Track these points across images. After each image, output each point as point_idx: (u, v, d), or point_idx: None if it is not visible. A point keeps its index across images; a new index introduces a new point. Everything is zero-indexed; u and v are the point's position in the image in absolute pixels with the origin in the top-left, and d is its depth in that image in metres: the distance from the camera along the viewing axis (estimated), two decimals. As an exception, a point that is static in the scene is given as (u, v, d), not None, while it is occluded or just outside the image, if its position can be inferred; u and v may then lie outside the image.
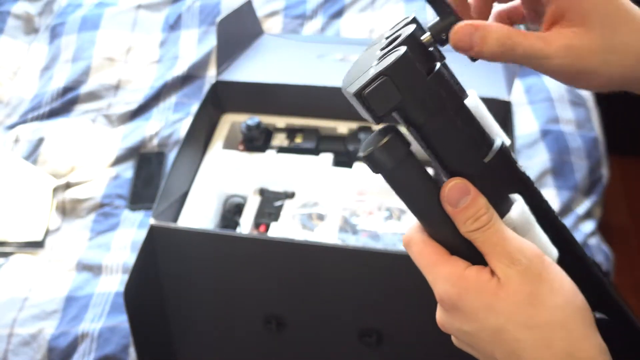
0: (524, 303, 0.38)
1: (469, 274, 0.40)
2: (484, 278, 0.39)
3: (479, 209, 0.39)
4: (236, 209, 1.15)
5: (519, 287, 0.38)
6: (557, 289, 0.39)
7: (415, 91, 0.38)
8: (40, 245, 1.25)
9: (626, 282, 1.68)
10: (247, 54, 1.29)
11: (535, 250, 0.39)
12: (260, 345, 1.06)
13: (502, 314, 0.39)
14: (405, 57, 0.37)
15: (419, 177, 0.40)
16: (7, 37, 1.70)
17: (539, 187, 0.44)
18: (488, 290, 0.39)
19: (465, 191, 0.39)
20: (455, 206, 0.39)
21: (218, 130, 1.22)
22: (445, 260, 0.40)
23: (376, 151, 0.38)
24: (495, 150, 0.41)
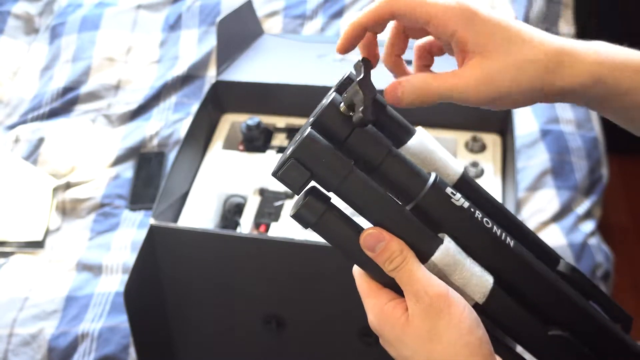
0: (424, 338, 0.44)
1: (387, 309, 0.46)
2: (396, 314, 0.45)
3: (392, 253, 0.45)
4: (236, 209, 1.15)
5: (420, 323, 0.44)
6: (454, 325, 0.44)
7: (321, 166, 0.44)
8: (40, 245, 1.25)
9: (626, 281, 1.68)
10: (247, 54, 1.29)
11: (440, 290, 0.44)
12: (260, 345, 1.06)
13: (409, 347, 0.45)
14: (308, 139, 0.44)
15: (340, 228, 0.46)
16: (7, 37, 1.70)
17: (539, 188, 0.45)
18: (398, 325, 0.45)
19: (379, 238, 0.45)
20: (373, 251, 0.45)
21: (218, 130, 1.22)
22: (373, 293, 0.47)
23: (299, 210, 0.45)
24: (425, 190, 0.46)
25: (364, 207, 0.46)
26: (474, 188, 0.51)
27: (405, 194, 0.47)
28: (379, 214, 0.46)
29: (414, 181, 0.46)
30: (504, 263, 0.47)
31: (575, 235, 1.19)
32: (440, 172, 0.50)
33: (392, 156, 0.46)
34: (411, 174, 0.47)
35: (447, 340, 0.44)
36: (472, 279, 0.46)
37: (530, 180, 1.27)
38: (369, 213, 0.47)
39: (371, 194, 0.46)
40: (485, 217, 0.47)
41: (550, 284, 0.48)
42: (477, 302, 0.47)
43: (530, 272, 0.48)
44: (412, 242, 0.46)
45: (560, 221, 1.21)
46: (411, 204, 0.47)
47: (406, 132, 0.50)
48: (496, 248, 0.47)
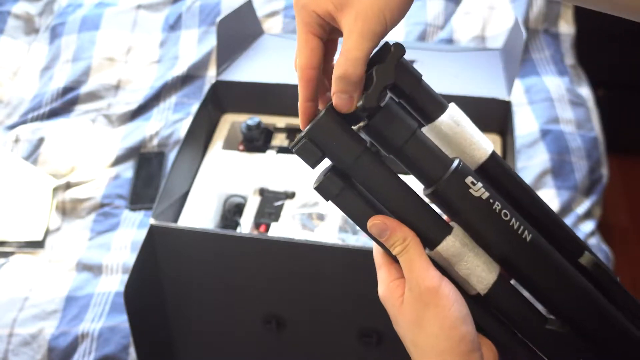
0: (412, 323, 0.48)
1: (392, 286, 0.49)
2: (397, 293, 0.49)
3: (395, 240, 0.48)
4: (236, 209, 1.15)
5: (410, 309, 0.48)
6: (439, 319, 0.46)
7: (333, 148, 0.46)
8: (40, 245, 1.25)
9: (626, 281, 1.68)
10: (247, 54, 1.29)
11: (432, 282, 0.47)
12: (260, 345, 1.06)
13: (401, 327, 0.49)
14: (323, 120, 0.46)
15: (357, 205, 0.48)
16: (7, 37, 1.70)
17: (539, 188, 0.46)
18: (396, 305, 0.49)
19: (383, 228, 0.48)
20: (379, 238, 0.48)
21: (218, 130, 1.22)
22: (385, 267, 0.50)
23: (322, 183, 0.48)
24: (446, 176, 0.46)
25: (374, 191, 0.48)
26: (502, 170, 0.51)
27: (426, 177, 0.47)
28: (388, 199, 0.48)
29: (435, 166, 0.47)
30: (518, 255, 0.48)
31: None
32: (467, 152, 0.50)
33: (415, 139, 0.47)
34: (433, 159, 0.47)
35: (430, 331, 0.47)
36: (476, 270, 0.47)
37: (530, 180, 1.27)
38: (380, 197, 0.48)
39: (382, 178, 0.47)
40: (505, 208, 0.47)
41: (565, 278, 0.48)
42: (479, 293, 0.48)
43: (545, 266, 0.48)
44: (419, 230, 0.48)
45: (560, 221, 1.21)
46: (430, 189, 0.47)
47: (438, 108, 0.49)
48: (511, 241, 0.47)
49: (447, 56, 1.30)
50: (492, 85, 1.15)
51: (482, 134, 0.50)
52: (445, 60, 1.27)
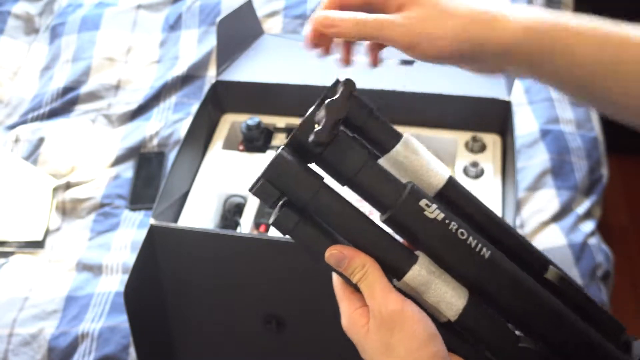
0: (380, 350, 0.47)
1: (354, 315, 0.49)
2: (361, 322, 0.48)
3: (354, 268, 0.48)
4: (236, 209, 1.15)
5: (376, 336, 0.47)
6: (407, 341, 0.46)
7: (290, 185, 0.47)
8: (40, 245, 1.25)
9: (626, 282, 1.68)
10: (247, 54, 1.29)
11: (395, 306, 0.46)
12: (260, 344, 1.06)
13: (368, 354, 0.49)
14: (277, 160, 0.47)
15: (313, 237, 0.49)
16: (7, 37, 1.70)
17: (539, 188, 0.46)
18: (361, 333, 0.48)
19: (340, 257, 0.48)
20: (337, 267, 0.48)
21: (218, 130, 1.22)
22: (346, 297, 0.50)
23: (277, 218, 0.48)
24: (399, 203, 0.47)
25: (335, 225, 0.48)
26: (461, 194, 0.52)
27: (381, 204, 0.48)
28: (350, 232, 0.48)
29: (390, 192, 0.48)
30: (479, 275, 0.48)
31: (575, 235, 1.19)
32: (424, 179, 0.50)
33: (368, 167, 0.48)
34: (387, 186, 0.48)
35: (398, 354, 0.46)
36: (445, 297, 0.47)
37: (530, 180, 1.27)
38: (341, 230, 0.49)
39: (341, 212, 0.48)
40: (461, 227, 0.47)
41: (530, 294, 0.49)
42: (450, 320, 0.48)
43: (508, 283, 0.48)
44: (384, 261, 0.48)
45: (560, 221, 1.21)
46: (386, 214, 0.48)
47: (393, 138, 0.51)
48: (470, 260, 0.48)
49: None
50: (492, 85, 1.15)
51: (438, 160, 0.52)
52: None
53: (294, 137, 0.48)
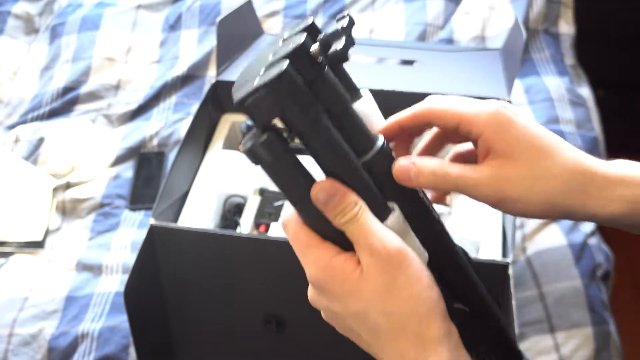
0: (382, 292, 0.43)
1: (336, 262, 0.44)
2: (349, 267, 0.44)
3: (346, 205, 0.43)
4: (236, 209, 1.15)
5: (378, 276, 0.43)
6: (415, 280, 0.43)
7: (292, 105, 0.41)
8: (40, 245, 1.25)
9: (626, 281, 1.68)
10: (247, 54, 1.29)
11: (399, 244, 0.44)
12: (260, 345, 1.06)
13: (364, 301, 0.44)
14: (285, 73, 0.40)
15: (294, 173, 0.43)
16: (7, 37, 1.70)
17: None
18: (351, 279, 0.44)
19: (332, 192, 0.43)
20: (324, 205, 0.43)
21: (218, 130, 1.22)
22: (316, 245, 0.45)
23: (256, 146, 0.41)
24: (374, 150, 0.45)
25: (326, 158, 0.44)
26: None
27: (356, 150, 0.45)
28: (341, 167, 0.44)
29: (366, 139, 0.46)
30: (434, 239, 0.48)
31: (575, 235, 1.19)
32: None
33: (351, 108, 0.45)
34: (365, 131, 0.46)
35: (408, 294, 0.43)
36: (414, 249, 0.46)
37: (530, 180, 1.27)
38: (330, 164, 0.44)
39: (336, 145, 0.44)
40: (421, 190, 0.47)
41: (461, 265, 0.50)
42: None
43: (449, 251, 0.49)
44: (370, 202, 0.45)
45: (560, 221, 1.21)
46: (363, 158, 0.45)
47: (354, 93, 0.49)
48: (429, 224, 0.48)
49: (447, 56, 1.30)
50: (492, 85, 1.15)
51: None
52: (445, 61, 1.27)
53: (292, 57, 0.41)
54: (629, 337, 1.30)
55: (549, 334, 1.08)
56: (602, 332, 1.08)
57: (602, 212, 0.45)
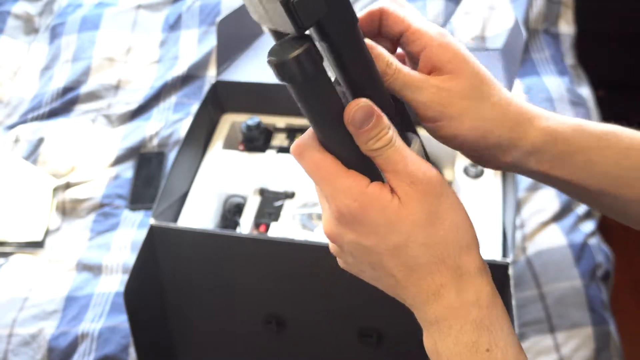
0: (423, 221, 0.41)
1: (372, 190, 0.41)
2: (386, 196, 0.41)
3: (382, 129, 0.40)
4: (236, 209, 1.15)
5: (418, 206, 0.41)
6: (457, 209, 0.42)
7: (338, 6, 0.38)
8: (40, 245, 1.25)
9: (626, 281, 1.68)
10: (247, 54, 1.29)
11: (435, 171, 0.41)
12: (260, 345, 1.06)
13: (403, 232, 0.41)
14: None
15: (327, 94, 0.39)
16: (7, 37, 1.70)
17: (539, 188, 0.46)
18: (390, 209, 0.40)
19: (369, 113, 0.40)
20: (358, 127, 0.40)
21: (218, 130, 1.22)
22: (345, 174, 0.41)
23: (289, 61, 0.37)
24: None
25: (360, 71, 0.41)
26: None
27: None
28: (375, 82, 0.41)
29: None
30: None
31: (575, 235, 1.19)
32: None
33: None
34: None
35: (450, 224, 0.41)
36: None
37: (530, 180, 1.27)
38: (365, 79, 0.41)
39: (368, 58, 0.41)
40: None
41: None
42: None
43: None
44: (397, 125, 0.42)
45: (560, 221, 1.21)
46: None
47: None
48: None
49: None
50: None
51: None
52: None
53: None
54: (629, 337, 1.30)
55: (549, 334, 1.08)
56: (602, 332, 1.08)
57: (524, 142, 0.45)
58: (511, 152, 0.46)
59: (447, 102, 0.44)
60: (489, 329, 0.41)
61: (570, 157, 0.46)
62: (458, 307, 0.41)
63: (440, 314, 0.42)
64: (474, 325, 0.41)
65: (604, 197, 0.48)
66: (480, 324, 0.41)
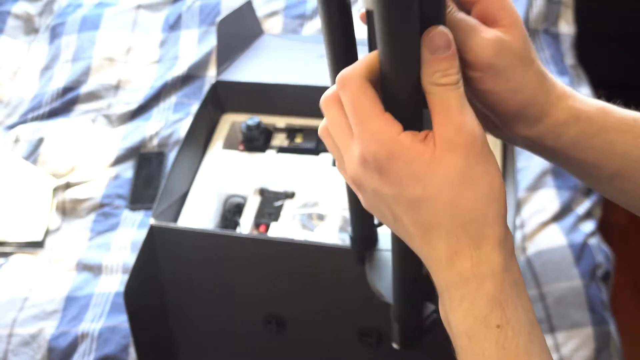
0: (453, 179, 0.38)
1: (403, 139, 0.38)
2: (419, 147, 0.38)
3: (453, 67, 0.38)
4: (236, 209, 1.15)
5: (454, 161, 0.38)
6: (491, 176, 0.39)
7: None
8: (40, 245, 1.25)
9: (626, 281, 1.68)
10: (247, 54, 1.29)
11: (484, 133, 0.39)
12: (260, 345, 1.06)
13: (429, 187, 0.38)
14: None
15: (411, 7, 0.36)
16: (7, 37, 1.70)
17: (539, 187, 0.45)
18: (420, 161, 0.38)
19: (448, 43, 0.38)
20: (433, 52, 0.38)
21: (218, 130, 1.22)
22: (379, 115, 0.38)
23: None
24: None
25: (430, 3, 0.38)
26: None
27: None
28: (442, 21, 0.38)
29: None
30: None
31: (575, 235, 1.19)
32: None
33: None
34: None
35: (483, 190, 0.38)
36: None
37: (530, 180, 1.27)
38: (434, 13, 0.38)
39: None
40: None
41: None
42: None
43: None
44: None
45: (560, 221, 1.21)
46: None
47: None
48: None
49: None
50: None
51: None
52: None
53: None
54: (629, 337, 1.30)
55: (549, 334, 1.08)
56: (602, 332, 1.08)
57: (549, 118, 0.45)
58: (535, 126, 0.45)
59: (500, 53, 0.42)
60: (502, 305, 0.39)
61: (592, 137, 0.46)
62: (470, 277, 0.39)
63: (452, 281, 0.40)
64: (486, 299, 0.39)
65: (619, 180, 0.47)
66: (493, 299, 0.39)
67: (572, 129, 0.45)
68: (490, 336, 0.39)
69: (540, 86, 0.45)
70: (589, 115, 0.46)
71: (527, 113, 0.45)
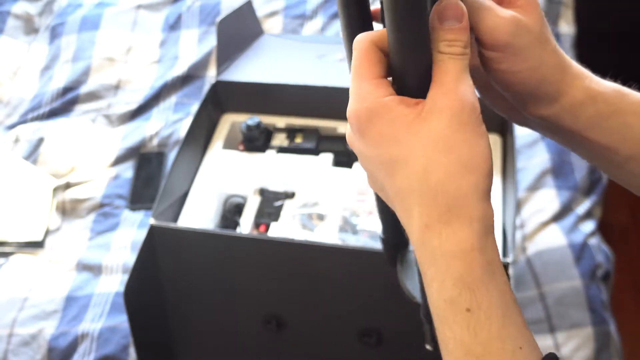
0: (431, 144, 0.37)
1: (389, 101, 0.38)
2: (402, 110, 0.38)
3: (461, 39, 0.38)
4: (236, 209, 1.15)
5: (435, 124, 0.37)
6: (475, 147, 0.37)
7: None
8: (40, 245, 1.25)
9: (626, 281, 1.68)
10: (247, 54, 1.29)
11: (477, 105, 0.38)
12: (260, 345, 1.06)
13: (405, 147, 0.37)
14: None
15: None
16: (7, 37, 1.70)
17: (539, 188, 0.45)
18: (402, 122, 0.37)
19: (458, 16, 0.38)
20: (444, 21, 0.38)
21: (218, 130, 1.22)
22: (372, 78, 0.39)
23: None
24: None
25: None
26: None
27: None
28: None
29: None
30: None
31: (575, 235, 1.19)
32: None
33: None
34: None
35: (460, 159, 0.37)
36: None
37: (530, 180, 1.27)
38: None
39: None
40: None
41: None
42: None
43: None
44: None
45: (560, 221, 1.21)
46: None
47: None
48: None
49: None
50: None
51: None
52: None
53: None
54: (629, 337, 1.30)
55: (549, 334, 1.08)
56: (602, 332, 1.08)
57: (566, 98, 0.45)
58: (553, 106, 0.45)
59: (516, 33, 0.42)
60: (471, 287, 0.37)
61: (607, 119, 0.46)
62: (439, 256, 0.37)
63: (424, 259, 0.38)
64: (452, 281, 0.37)
65: (633, 163, 0.47)
66: (460, 280, 0.37)
67: (589, 109, 0.45)
68: (459, 320, 0.37)
69: (557, 65, 0.45)
70: (605, 96, 0.46)
71: (544, 92, 0.45)
